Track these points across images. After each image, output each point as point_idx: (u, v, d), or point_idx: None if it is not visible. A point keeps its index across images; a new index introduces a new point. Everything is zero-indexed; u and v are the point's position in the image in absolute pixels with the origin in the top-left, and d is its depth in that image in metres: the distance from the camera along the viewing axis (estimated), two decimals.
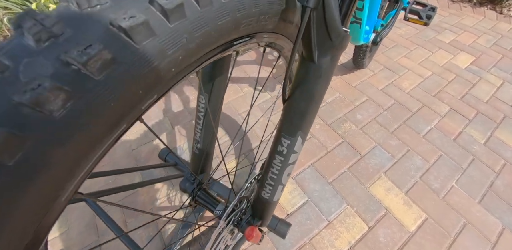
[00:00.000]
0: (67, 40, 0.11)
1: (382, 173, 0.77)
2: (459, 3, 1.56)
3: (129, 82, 0.13)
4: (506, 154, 0.86)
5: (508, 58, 1.24)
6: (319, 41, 0.22)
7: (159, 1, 0.13)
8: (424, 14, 0.75)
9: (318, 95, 0.26)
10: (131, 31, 0.12)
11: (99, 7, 0.12)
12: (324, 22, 0.21)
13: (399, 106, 0.96)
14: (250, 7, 0.17)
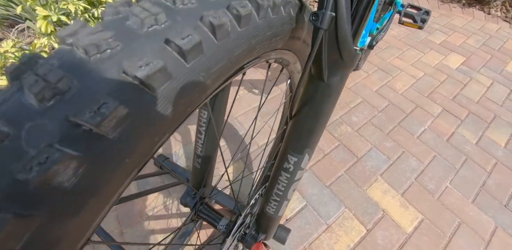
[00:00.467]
0: (76, 98, 0.10)
1: (378, 175, 0.77)
2: (448, 4, 1.58)
3: (145, 133, 0.11)
4: (497, 153, 0.87)
5: (496, 59, 1.26)
6: (330, 61, 0.21)
7: (176, 41, 0.12)
8: (419, 18, 0.75)
9: (326, 113, 0.25)
10: (148, 80, 0.11)
11: (109, 52, 0.11)
12: (336, 42, 0.20)
13: (393, 107, 0.96)
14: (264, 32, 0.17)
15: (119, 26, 0.11)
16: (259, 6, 0.15)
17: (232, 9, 0.14)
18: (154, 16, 0.12)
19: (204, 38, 0.13)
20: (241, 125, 0.86)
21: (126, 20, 0.12)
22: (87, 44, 0.10)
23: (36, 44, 0.84)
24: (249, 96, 0.95)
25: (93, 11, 1.06)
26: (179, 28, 0.12)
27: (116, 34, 0.11)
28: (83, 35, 0.10)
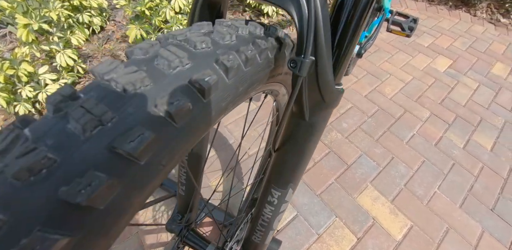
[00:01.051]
0: (116, 129, 0.11)
1: (368, 182, 0.76)
2: (436, 6, 1.59)
3: (167, 159, 0.13)
4: (483, 157, 0.88)
5: (482, 61, 1.27)
6: (311, 102, 0.20)
7: (199, 81, 0.13)
8: (406, 26, 0.74)
9: (309, 149, 0.25)
10: (175, 115, 0.13)
11: (143, 89, 0.12)
12: (317, 86, 0.19)
13: (383, 113, 0.96)
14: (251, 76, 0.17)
15: (149, 66, 0.13)
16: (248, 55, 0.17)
17: (241, 54, 0.16)
18: (179, 59, 0.14)
19: (219, 77, 0.15)
20: (231, 134, 0.84)
21: (155, 61, 0.13)
22: (125, 82, 0.12)
23: (17, 53, 0.80)
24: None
25: (78, 16, 1.02)
26: (200, 69, 0.14)
27: (148, 73, 0.13)
28: (120, 73, 0.12)
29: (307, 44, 0.16)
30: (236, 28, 0.17)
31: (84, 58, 1.04)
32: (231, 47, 0.16)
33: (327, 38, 0.17)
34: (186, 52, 0.14)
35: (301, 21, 0.16)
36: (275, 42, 0.19)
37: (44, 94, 0.81)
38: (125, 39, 1.11)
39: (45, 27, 0.79)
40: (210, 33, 0.17)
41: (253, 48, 0.17)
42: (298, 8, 0.16)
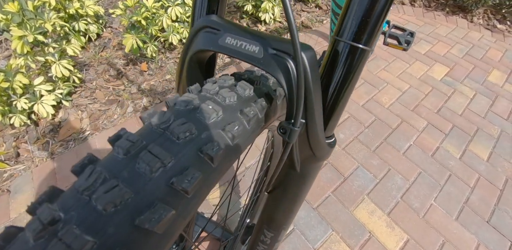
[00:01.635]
0: (174, 169, 0.14)
1: (365, 195, 0.75)
2: (433, 12, 1.57)
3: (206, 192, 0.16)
4: (480, 168, 0.87)
5: (479, 69, 1.26)
6: (302, 157, 0.20)
7: (231, 131, 0.16)
8: (403, 39, 0.73)
9: (300, 196, 0.24)
10: (214, 158, 0.15)
11: (191, 137, 0.15)
12: (308, 143, 0.19)
13: (380, 123, 0.95)
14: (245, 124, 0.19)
15: (193, 118, 0.16)
16: None
17: (258, 105, 0.18)
18: (216, 112, 0.16)
19: (243, 126, 0.18)
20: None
21: (197, 113, 0.16)
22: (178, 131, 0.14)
23: (11, 64, 0.79)
24: None
25: (74, 24, 1.01)
26: (228, 120, 0.17)
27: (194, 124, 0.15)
28: (174, 125, 0.15)
29: (296, 113, 0.16)
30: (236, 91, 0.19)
31: (80, 66, 1.02)
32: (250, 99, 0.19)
33: (318, 100, 0.17)
34: (219, 106, 0.16)
35: (290, 87, 0.16)
36: (264, 102, 0.19)
37: (39, 105, 0.80)
38: (122, 47, 1.09)
39: (40, 38, 0.77)
40: (233, 86, 0.19)
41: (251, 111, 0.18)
42: (286, 73, 0.16)
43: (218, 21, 0.18)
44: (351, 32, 0.17)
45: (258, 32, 0.18)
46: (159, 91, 0.96)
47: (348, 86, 0.18)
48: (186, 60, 0.20)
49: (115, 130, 0.86)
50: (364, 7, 0.16)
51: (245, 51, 0.17)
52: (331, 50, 0.18)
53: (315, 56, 0.16)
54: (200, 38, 0.18)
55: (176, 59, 1.06)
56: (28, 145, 0.81)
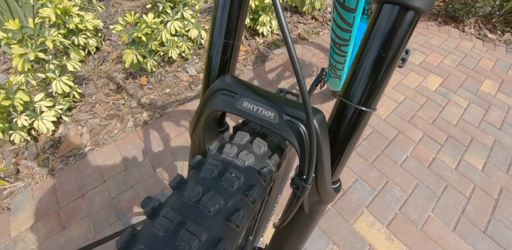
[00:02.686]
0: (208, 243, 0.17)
1: (364, 208, 0.78)
2: (425, 22, 1.66)
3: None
4: (475, 178, 0.91)
5: (472, 78, 1.33)
6: (311, 201, 0.23)
7: (252, 195, 0.20)
8: None
9: (307, 233, 0.27)
10: (240, 225, 0.18)
11: (217, 209, 0.18)
12: (317, 191, 0.22)
13: (377, 135, 0.99)
14: None
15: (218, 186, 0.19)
16: None
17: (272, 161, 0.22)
18: (238, 180, 0.19)
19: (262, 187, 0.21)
20: None
21: (221, 181, 0.19)
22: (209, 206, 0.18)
23: (12, 82, 0.81)
24: None
25: (73, 39, 1.04)
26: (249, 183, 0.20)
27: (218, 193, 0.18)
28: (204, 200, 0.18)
29: (308, 173, 0.19)
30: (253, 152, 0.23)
31: (79, 80, 1.05)
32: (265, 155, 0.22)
33: (326, 157, 0.20)
34: (241, 172, 0.20)
35: (302, 149, 0.19)
36: (277, 157, 0.22)
37: (39, 122, 0.82)
38: (121, 60, 1.13)
39: (41, 56, 0.80)
40: (250, 144, 0.22)
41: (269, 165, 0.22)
42: (299, 137, 0.18)
43: (234, 84, 0.21)
44: (358, 96, 0.19)
45: (272, 95, 0.20)
46: (159, 105, 1.00)
47: (353, 139, 0.21)
48: (203, 115, 0.23)
49: (115, 146, 0.89)
50: (369, 72, 0.18)
51: (261, 116, 0.19)
52: (337, 108, 0.20)
53: (324, 120, 0.19)
54: (218, 100, 0.21)
55: (175, 73, 1.09)
56: (28, 161, 0.83)
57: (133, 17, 0.93)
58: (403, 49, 0.18)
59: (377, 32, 0.17)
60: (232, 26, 0.22)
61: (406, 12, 0.16)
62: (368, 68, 0.18)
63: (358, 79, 0.19)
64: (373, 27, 0.17)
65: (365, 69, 0.18)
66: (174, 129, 0.94)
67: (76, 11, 1.00)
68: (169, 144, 0.90)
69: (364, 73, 0.18)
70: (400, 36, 0.17)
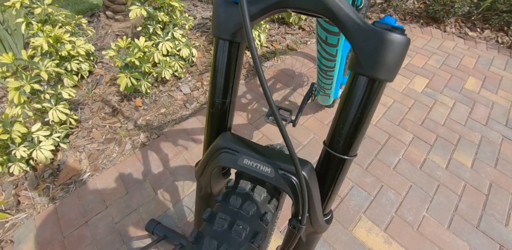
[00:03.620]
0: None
1: (362, 213, 0.85)
2: (408, 25, 1.78)
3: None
4: (465, 175, 0.99)
5: (456, 77, 1.44)
6: (306, 232, 0.29)
7: (257, 241, 0.26)
8: None
9: None
10: None
11: None
12: (311, 225, 0.27)
13: (369, 140, 1.07)
14: None
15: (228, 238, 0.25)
16: None
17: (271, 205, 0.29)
18: (245, 231, 0.25)
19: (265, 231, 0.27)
20: None
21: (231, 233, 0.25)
22: None
23: (8, 114, 0.86)
24: None
25: (66, 65, 1.09)
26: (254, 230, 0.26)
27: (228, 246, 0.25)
28: None
29: (302, 217, 0.24)
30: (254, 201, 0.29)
31: (74, 105, 1.10)
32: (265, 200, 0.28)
33: (317, 199, 0.25)
34: (246, 223, 0.25)
35: (296, 197, 0.24)
36: (276, 201, 0.28)
37: (38, 151, 0.86)
38: (115, 82, 1.19)
39: (37, 87, 0.85)
40: (252, 193, 0.28)
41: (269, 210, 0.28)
42: (293, 187, 0.24)
43: (235, 142, 0.26)
44: (339, 147, 0.24)
45: (268, 151, 0.25)
46: (156, 126, 1.05)
47: (339, 180, 0.26)
48: (210, 167, 0.28)
49: (115, 170, 0.93)
50: (347, 128, 0.23)
51: (260, 171, 0.24)
52: (324, 156, 0.26)
53: (312, 169, 0.24)
54: (222, 157, 0.26)
55: (169, 92, 1.16)
56: (29, 192, 0.87)
57: (125, 41, 0.99)
58: (374, 108, 0.23)
59: (353, 95, 0.23)
60: (228, 87, 0.28)
61: (374, 81, 0.22)
62: (347, 125, 0.23)
63: (339, 134, 0.24)
64: (349, 91, 0.23)
65: (344, 125, 0.23)
66: (172, 149, 1.00)
67: (67, 38, 1.05)
68: (168, 164, 0.95)
69: (343, 129, 0.23)
70: (371, 99, 0.22)
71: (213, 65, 0.28)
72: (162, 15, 1.10)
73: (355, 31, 0.20)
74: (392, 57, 0.20)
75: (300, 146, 1.04)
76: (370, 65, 0.20)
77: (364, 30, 0.20)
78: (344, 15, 0.20)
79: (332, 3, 0.20)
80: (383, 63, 0.20)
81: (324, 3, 0.20)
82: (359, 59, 0.21)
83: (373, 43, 0.20)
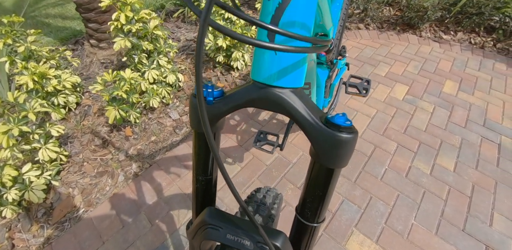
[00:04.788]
0: None
1: (353, 227, 0.92)
2: (386, 32, 1.92)
3: None
4: (449, 179, 1.09)
5: (434, 82, 1.56)
6: None
7: None
8: (361, 88, 0.96)
9: None
10: None
11: None
12: None
13: (356, 153, 1.16)
14: None
15: None
16: None
17: None
18: None
19: None
20: (221, 201, 0.98)
21: None
22: None
23: None
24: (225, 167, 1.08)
25: (53, 100, 1.14)
26: None
27: None
28: None
29: None
30: None
31: (64, 139, 1.14)
32: None
33: None
34: None
35: None
36: None
37: (30, 192, 0.90)
38: (103, 112, 1.24)
39: (25, 129, 0.90)
40: None
41: None
42: None
43: (218, 218, 0.31)
44: (309, 216, 0.30)
45: (248, 225, 0.31)
46: (147, 154, 1.11)
47: (312, 242, 0.33)
48: (198, 237, 0.34)
49: (109, 203, 0.98)
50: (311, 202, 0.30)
51: (241, 244, 0.30)
52: (295, 224, 0.32)
53: (285, 238, 0.30)
54: (208, 232, 0.31)
55: (158, 119, 1.22)
56: (23, 234, 0.90)
57: (111, 75, 1.06)
58: (333, 187, 0.30)
59: (314, 178, 0.30)
60: (209, 165, 0.35)
61: (329, 169, 0.28)
62: (311, 200, 0.30)
63: (307, 206, 0.31)
64: (311, 174, 0.30)
65: (310, 200, 0.30)
66: (165, 177, 1.05)
67: (52, 73, 1.11)
68: (162, 194, 1.00)
69: (309, 203, 0.31)
70: (328, 181, 0.29)
71: (194, 150, 0.35)
72: (146, 44, 1.17)
73: (311, 130, 0.26)
74: (342, 152, 0.26)
75: (290, 164, 1.11)
76: (325, 158, 0.27)
77: (318, 130, 0.26)
78: (301, 117, 0.26)
79: (291, 107, 0.26)
80: (335, 156, 0.26)
81: (284, 107, 0.26)
82: (317, 151, 0.27)
83: (326, 141, 0.26)
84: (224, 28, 0.18)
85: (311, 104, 0.28)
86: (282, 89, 0.27)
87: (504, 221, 0.96)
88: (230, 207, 0.96)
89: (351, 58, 1.70)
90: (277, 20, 0.24)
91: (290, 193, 1.02)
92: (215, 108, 0.30)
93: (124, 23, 1.10)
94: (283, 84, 0.27)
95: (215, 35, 1.34)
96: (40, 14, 2.25)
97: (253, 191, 0.46)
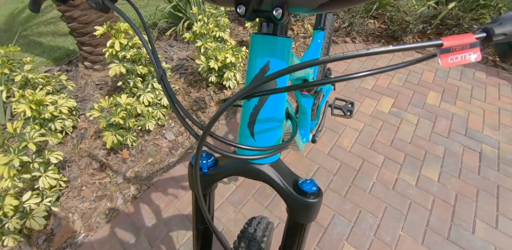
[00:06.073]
0: None
1: (344, 241, 1.00)
2: (371, 45, 2.06)
3: None
4: (433, 189, 1.19)
5: (418, 93, 1.69)
6: None
7: None
8: (346, 110, 1.07)
9: None
10: None
11: None
12: None
13: (345, 167, 1.25)
14: None
15: None
16: None
17: None
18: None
19: None
20: (219, 220, 1.05)
21: None
22: None
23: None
24: (220, 186, 1.15)
25: (50, 125, 1.21)
26: None
27: None
28: None
29: None
30: None
31: (61, 164, 1.19)
32: None
33: None
34: None
35: None
36: None
37: (31, 220, 0.95)
38: (99, 135, 1.30)
39: (25, 159, 0.96)
40: None
41: None
42: None
43: None
44: None
45: None
46: (145, 176, 1.17)
47: None
48: None
49: (109, 227, 1.03)
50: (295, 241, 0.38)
51: None
52: None
53: None
54: None
55: (154, 141, 1.29)
56: None
57: (108, 101, 1.13)
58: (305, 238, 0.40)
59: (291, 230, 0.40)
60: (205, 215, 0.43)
61: (301, 224, 0.38)
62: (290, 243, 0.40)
63: None
64: (288, 227, 0.40)
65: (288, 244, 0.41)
66: (163, 199, 1.12)
67: (49, 100, 1.18)
68: (160, 216, 1.07)
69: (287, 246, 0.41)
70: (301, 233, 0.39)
71: (193, 206, 0.44)
72: (141, 68, 1.26)
73: (285, 196, 0.36)
74: (310, 212, 0.35)
75: None
76: (297, 216, 0.37)
77: (290, 196, 0.36)
78: (277, 186, 0.36)
79: (269, 178, 0.36)
80: (305, 215, 0.36)
81: (264, 178, 0.36)
82: (291, 210, 0.37)
83: (297, 204, 0.36)
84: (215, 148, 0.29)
85: (286, 172, 0.38)
86: (261, 165, 0.37)
87: (485, 228, 1.06)
88: (227, 226, 1.03)
89: (338, 72, 1.82)
90: (254, 119, 0.34)
91: (284, 210, 1.09)
92: (209, 176, 0.39)
93: (118, 50, 1.18)
94: (261, 162, 0.37)
95: (207, 57, 1.43)
96: (32, 33, 2.31)
97: (245, 224, 0.54)
